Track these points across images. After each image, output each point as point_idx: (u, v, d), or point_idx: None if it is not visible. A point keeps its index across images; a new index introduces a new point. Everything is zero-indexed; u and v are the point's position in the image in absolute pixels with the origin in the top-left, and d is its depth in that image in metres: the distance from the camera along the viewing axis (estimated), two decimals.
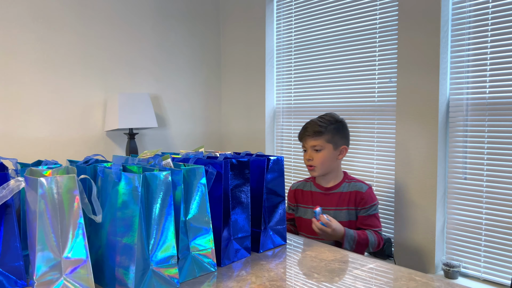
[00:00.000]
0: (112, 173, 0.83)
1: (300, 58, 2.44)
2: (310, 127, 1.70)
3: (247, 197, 0.99)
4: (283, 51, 2.57)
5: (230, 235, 0.96)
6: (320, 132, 1.66)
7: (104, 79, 2.46)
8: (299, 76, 2.46)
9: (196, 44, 2.86)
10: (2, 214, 0.80)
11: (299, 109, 2.46)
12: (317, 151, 1.65)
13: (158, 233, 0.80)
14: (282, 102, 2.59)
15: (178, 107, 2.80)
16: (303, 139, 1.70)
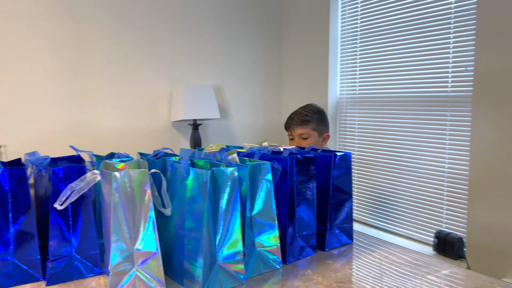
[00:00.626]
0: (181, 168, 0.84)
1: (366, 45, 2.34)
2: (296, 116, 1.82)
3: (312, 194, 0.97)
4: (348, 39, 2.48)
5: (295, 232, 0.94)
6: (307, 121, 1.79)
7: (169, 71, 2.53)
8: (364, 65, 2.36)
9: (258, 34, 2.85)
10: (79, 204, 0.84)
11: (364, 99, 2.37)
12: (304, 139, 1.78)
13: (225, 228, 0.80)
14: (346, 92, 2.51)
15: (239, 98, 2.82)
16: (291, 128, 1.83)
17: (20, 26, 2.15)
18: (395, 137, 2.17)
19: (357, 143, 2.41)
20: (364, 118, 2.35)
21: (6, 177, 0.81)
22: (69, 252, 0.84)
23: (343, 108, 2.51)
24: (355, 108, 2.43)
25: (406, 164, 2.12)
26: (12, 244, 0.81)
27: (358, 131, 2.40)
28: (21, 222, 0.82)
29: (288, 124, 1.84)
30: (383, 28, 2.23)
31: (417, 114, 2.06)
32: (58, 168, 0.83)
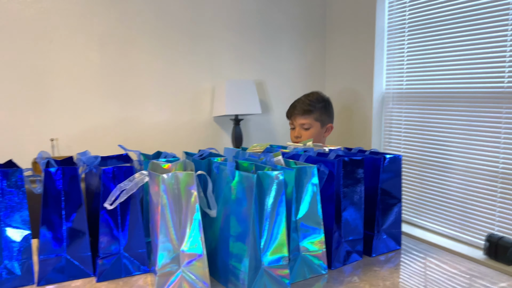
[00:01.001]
0: (226, 170, 0.84)
1: (415, 37, 2.24)
2: (299, 105, 1.73)
3: (360, 197, 0.94)
4: (395, 31, 2.38)
5: (341, 237, 0.92)
6: (310, 111, 1.71)
7: (212, 67, 2.55)
8: (413, 58, 2.27)
9: (301, 27, 2.80)
10: (128, 204, 0.86)
11: (412, 94, 2.28)
12: (306, 129, 1.69)
13: (270, 232, 0.79)
14: (393, 87, 2.42)
15: (281, 93, 2.79)
16: (292, 116, 1.74)
17: (71, 23, 2.23)
18: (445, 134, 2.07)
19: (403, 140, 2.33)
20: (412, 114, 2.26)
21: (60, 176, 0.84)
22: (117, 250, 0.86)
23: (389, 104, 2.43)
24: (402, 103, 2.34)
25: (457, 163, 2.02)
26: (65, 240, 0.84)
27: (404, 128, 2.31)
28: (73, 219, 0.85)
29: (290, 113, 1.76)
30: (433, 19, 2.12)
31: (469, 110, 1.95)
32: (108, 168, 0.85)
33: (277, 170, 0.79)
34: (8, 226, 0.80)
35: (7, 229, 0.80)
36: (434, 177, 2.13)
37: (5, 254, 0.79)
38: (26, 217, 0.81)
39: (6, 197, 0.79)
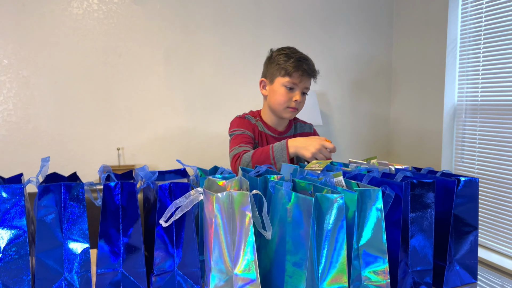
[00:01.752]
0: (283, 190, 0.80)
1: (492, 46, 2.07)
2: (310, 65, 1.44)
3: (430, 224, 0.85)
4: (469, 39, 2.22)
5: (408, 267, 0.84)
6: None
7: None
8: (489, 68, 2.09)
9: (366, 35, 2.70)
10: (183, 220, 0.85)
11: (489, 106, 2.09)
12: (305, 94, 1.45)
13: (329, 259, 0.74)
14: (466, 98, 2.25)
15: (343, 104, 2.71)
16: (303, 76, 1.42)
17: (138, 38, 2.33)
18: None
19: (477, 157, 2.14)
20: (488, 128, 2.08)
21: (118, 191, 0.85)
22: (172, 267, 0.85)
23: (462, 117, 2.26)
24: (477, 116, 2.16)
25: None
26: (122, 255, 0.85)
27: (479, 143, 2.13)
28: (130, 234, 0.85)
29: (297, 69, 1.41)
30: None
31: None
32: (164, 184, 0.84)
33: (337, 193, 0.74)
34: (69, 238, 0.82)
35: (68, 242, 0.82)
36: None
37: (66, 266, 0.81)
38: (86, 231, 0.83)
39: (68, 210, 0.81)
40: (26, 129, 2.23)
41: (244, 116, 1.55)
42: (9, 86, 2.19)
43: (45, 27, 2.20)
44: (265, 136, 1.51)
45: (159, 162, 2.41)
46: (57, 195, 0.81)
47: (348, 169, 0.98)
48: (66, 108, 2.26)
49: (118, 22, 2.29)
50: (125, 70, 2.32)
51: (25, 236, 0.79)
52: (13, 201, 0.78)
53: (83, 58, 2.27)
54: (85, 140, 2.30)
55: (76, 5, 2.24)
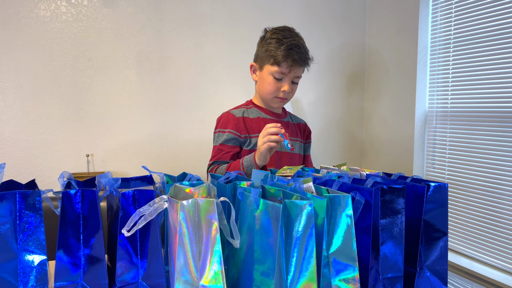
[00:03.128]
0: (251, 197, 0.77)
1: (461, 54, 2.12)
2: (301, 53, 1.34)
3: (400, 230, 0.84)
4: (439, 47, 2.26)
5: (379, 274, 0.83)
6: (308, 59, 1.39)
7: (247, 84, 2.51)
8: (458, 75, 2.14)
9: (339, 42, 2.73)
10: (147, 229, 0.81)
11: (458, 113, 2.14)
12: (295, 84, 1.40)
13: (298, 267, 0.72)
14: (436, 105, 2.29)
15: (317, 111, 2.71)
16: (293, 66, 1.33)
17: (109, 41, 2.27)
18: (494, 157, 1.92)
19: (448, 162, 2.18)
20: (458, 134, 2.12)
21: (79, 199, 0.81)
22: (136, 279, 0.81)
23: (433, 123, 2.30)
24: (447, 123, 2.20)
25: (509, 189, 1.85)
26: (83, 267, 0.80)
27: (449, 149, 2.17)
28: (92, 245, 0.81)
29: (286, 58, 1.32)
30: (481, 35, 1.99)
31: None
32: (127, 192, 0.80)
33: (307, 199, 0.72)
34: (24, 250, 0.77)
35: (23, 254, 0.77)
36: (483, 204, 1.97)
37: (21, 279, 0.76)
38: (43, 241, 0.78)
39: (23, 220, 0.77)
40: None
41: (229, 111, 1.49)
42: None
43: (9, 29, 2.12)
44: (263, 121, 1.43)
45: (130, 169, 2.35)
46: (11, 204, 0.76)
47: (319, 175, 0.97)
48: (32, 113, 2.18)
49: (88, 25, 2.23)
50: (95, 75, 2.25)
51: None
52: None
53: (50, 62, 2.19)
54: (53, 146, 2.22)
55: (43, 7, 2.16)
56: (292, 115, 1.58)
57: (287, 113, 1.56)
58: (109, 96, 2.29)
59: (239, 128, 1.41)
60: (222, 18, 2.45)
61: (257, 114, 1.45)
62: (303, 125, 1.56)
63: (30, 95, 2.17)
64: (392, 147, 2.50)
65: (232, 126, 1.41)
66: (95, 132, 2.27)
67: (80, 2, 2.22)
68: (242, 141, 1.41)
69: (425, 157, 2.33)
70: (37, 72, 2.18)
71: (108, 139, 2.29)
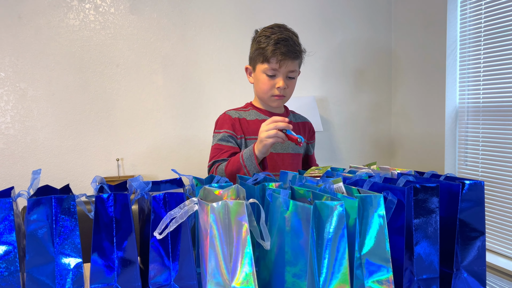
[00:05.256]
0: (280, 199, 0.77)
1: (493, 46, 2.05)
2: (290, 46, 1.29)
3: (435, 230, 0.82)
4: (469, 41, 2.20)
5: (414, 275, 0.80)
6: (300, 54, 1.32)
7: None
8: (491, 69, 2.07)
9: (365, 39, 2.69)
10: (178, 232, 0.82)
11: (491, 108, 2.06)
12: (292, 78, 1.33)
13: (330, 269, 0.71)
14: (468, 100, 2.22)
15: (344, 109, 2.68)
16: (283, 60, 1.28)
17: (135, 47, 2.32)
18: None
19: (481, 159, 2.11)
20: (491, 130, 2.05)
21: (111, 203, 0.82)
22: (168, 281, 0.82)
23: (464, 119, 2.23)
24: (479, 118, 2.13)
25: None
26: (116, 269, 0.82)
27: (482, 146, 2.10)
28: (125, 247, 0.82)
29: (274, 53, 1.28)
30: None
31: None
32: (158, 195, 0.82)
33: (337, 200, 0.71)
34: (60, 253, 0.79)
35: (60, 257, 0.79)
36: None
37: (58, 281, 0.78)
38: (78, 245, 0.80)
39: (59, 224, 0.79)
40: (25, 142, 2.21)
41: (225, 112, 1.44)
42: (6, 99, 2.18)
43: (41, 39, 2.19)
44: (262, 123, 1.39)
45: (159, 172, 2.38)
46: (48, 208, 0.78)
47: (349, 175, 0.95)
48: (64, 119, 2.25)
49: (115, 33, 2.28)
50: (122, 80, 2.30)
51: (15, 252, 0.77)
52: (1, 216, 0.76)
53: (80, 69, 2.25)
54: (84, 152, 2.28)
55: (72, 16, 2.23)
56: (295, 114, 1.53)
57: (290, 112, 1.51)
58: (137, 101, 2.33)
59: (235, 129, 1.38)
60: (245, 21, 2.45)
61: (255, 116, 1.41)
62: (307, 124, 1.50)
63: (61, 102, 2.24)
64: (421, 145, 2.44)
65: (228, 126, 1.38)
66: (124, 136, 2.32)
67: (107, 10, 2.27)
68: (238, 142, 1.38)
69: (457, 154, 2.26)
70: (68, 80, 2.24)
71: (137, 143, 2.34)
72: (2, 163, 2.19)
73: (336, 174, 0.99)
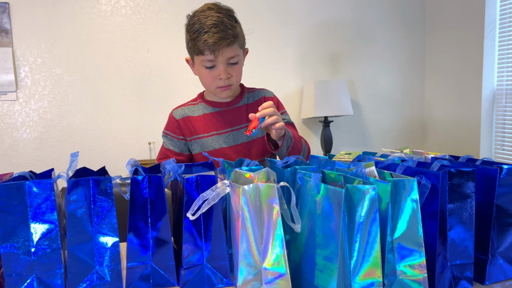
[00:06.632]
0: (311, 182, 0.77)
1: None
2: (221, 32, 1.15)
3: (470, 215, 0.80)
4: (509, 20, 2.09)
5: (447, 261, 0.79)
6: (236, 36, 1.17)
7: (301, 68, 2.49)
8: None
9: (398, 21, 2.61)
10: (210, 214, 0.84)
11: None
12: (234, 64, 1.21)
13: (361, 252, 0.71)
14: (506, 82, 2.13)
15: (375, 92, 2.63)
16: (218, 50, 1.16)
17: (166, 32, 2.34)
18: None
19: None
20: None
21: (146, 184, 0.85)
22: (201, 261, 0.84)
23: (502, 102, 2.14)
24: None
25: None
26: (151, 248, 0.85)
27: None
28: (159, 228, 0.85)
29: (205, 44, 1.15)
30: None
31: None
32: (191, 177, 0.83)
33: (369, 184, 0.70)
34: (98, 232, 0.82)
35: (98, 236, 0.82)
36: None
37: (96, 259, 0.82)
38: (115, 224, 0.83)
39: (97, 204, 0.82)
40: (61, 126, 2.29)
41: (172, 112, 1.38)
42: (43, 84, 2.25)
43: (75, 25, 2.24)
44: (209, 117, 1.32)
45: None
46: (86, 189, 0.81)
47: (381, 159, 0.94)
48: (98, 104, 2.31)
49: (146, 17, 2.30)
50: (153, 65, 2.33)
51: (56, 230, 0.80)
52: (43, 196, 0.79)
53: (112, 54, 2.30)
54: (117, 135, 2.34)
55: (104, 2, 2.26)
56: (254, 92, 1.39)
57: (245, 92, 1.39)
58: (167, 85, 2.36)
59: (181, 132, 1.33)
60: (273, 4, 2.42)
61: (203, 111, 1.33)
62: (265, 99, 1.36)
63: (95, 87, 2.30)
64: (456, 129, 2.37)
65: (172, 130, 1.34)
66: (156, 120, 2.36)
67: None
68: (186, 144, 1.33)
69: (494, 138, 2.18)
70: (101, 65, 2.29)
71: None
72: (41, 146, 2.28)
73: (368, 158, 0.98)
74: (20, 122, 2.24)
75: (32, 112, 2.25)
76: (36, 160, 2.25)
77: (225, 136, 1.29)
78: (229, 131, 1.29)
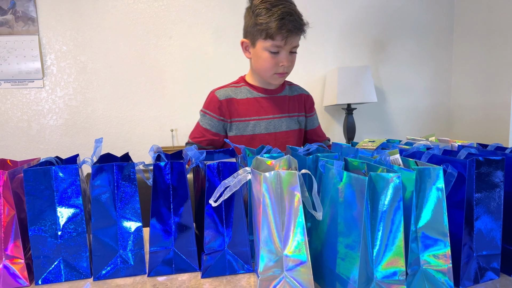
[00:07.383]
0: (334, 170, 0.76)
1: None
2: (295, 21, 1.20)
3: (498, 205, 0.78)
4: None
5: (473, 251, 0.77)
6: (304, 26, 1.23)
7: (324, 54, 2.45)
8: None
9: (424, 3, 2.53)
10: (232, 200, 0.84)
11: None
12: (293, 53, 1.26)
13: (384, 241, 0.70)
14: None
15: (400, 79, 2.57)
16: (288, 37, 1.19)
17: (187, 19, 2.33)
18: None
19: None
20: None
21: (168, 171, 0.85)
22: (222, 247, 0.85)
23: None
24: None
25: None
26: (173, 233, 0.86)
27: None
28: (181, 213, 0.86)
29: (280, 30, 1.19)
30: None
31: None
32: (212, 164, 0.83)
33: (394, 172, 0.69)
34: (122, 217, 0.84)
35: (122, 220, 0.84)
36: None
37: (120, 243, 0.84)
38: (138, 210, 0.84)
39: (120, 190, 0.83)
40: (86, 113, 2.33)
41: (214, 92, 1.39)
42: (68, 71, 2.29)
43: (98, 12, 2.27)
44: (253, 102, 1.34)
45: None
46: (110, 175, 0.83)
47: (406, 147, 0.92)
48: (121, 91, 2.33)
49: (168, 4, 2.31)
50: (175, 52, 2.34)
51: (81, 215, 0.82)
52: (69, 181, 0.81)
53: (135, 42, 2.31)
54: (140, 122, 2.37)
55: None
56: (292, 86, 1.43)
57: (286, 84, 1.41)
58: (189, 72, 2.37)
59: (221, 112, 1.34)
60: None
61: (247, 94, 1.35)
62: (304, 97, 1.40)
63: (118, 74, 2.33)
64: (484, 116, 2.30)
65: (213, 109, 1.35)
66: (178, 108, 2.38)
67: None
68: (225, 126, 1.34)
69: None
70: (124, 52, 2.31)
71: (190, 114, 2.39)
72: (67, 133, 2.33)
73: (392, 146, 0.96)
74: (46, 109, 2.29)
75: (58, 99, 2.30)
76: (62, 146, 2.31)
77: (266, 122, 1.31)
78: (270, 118, 1.31)
